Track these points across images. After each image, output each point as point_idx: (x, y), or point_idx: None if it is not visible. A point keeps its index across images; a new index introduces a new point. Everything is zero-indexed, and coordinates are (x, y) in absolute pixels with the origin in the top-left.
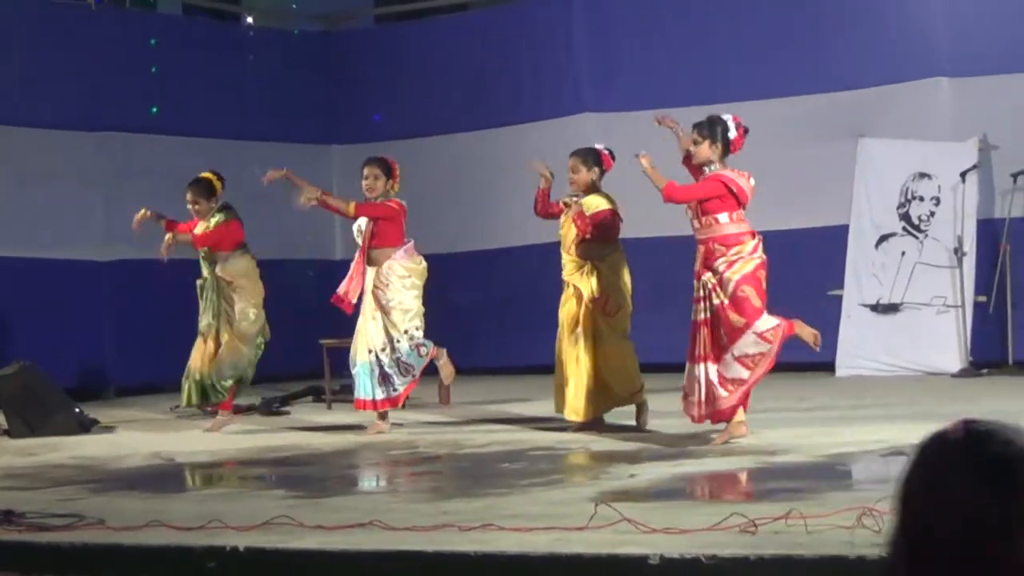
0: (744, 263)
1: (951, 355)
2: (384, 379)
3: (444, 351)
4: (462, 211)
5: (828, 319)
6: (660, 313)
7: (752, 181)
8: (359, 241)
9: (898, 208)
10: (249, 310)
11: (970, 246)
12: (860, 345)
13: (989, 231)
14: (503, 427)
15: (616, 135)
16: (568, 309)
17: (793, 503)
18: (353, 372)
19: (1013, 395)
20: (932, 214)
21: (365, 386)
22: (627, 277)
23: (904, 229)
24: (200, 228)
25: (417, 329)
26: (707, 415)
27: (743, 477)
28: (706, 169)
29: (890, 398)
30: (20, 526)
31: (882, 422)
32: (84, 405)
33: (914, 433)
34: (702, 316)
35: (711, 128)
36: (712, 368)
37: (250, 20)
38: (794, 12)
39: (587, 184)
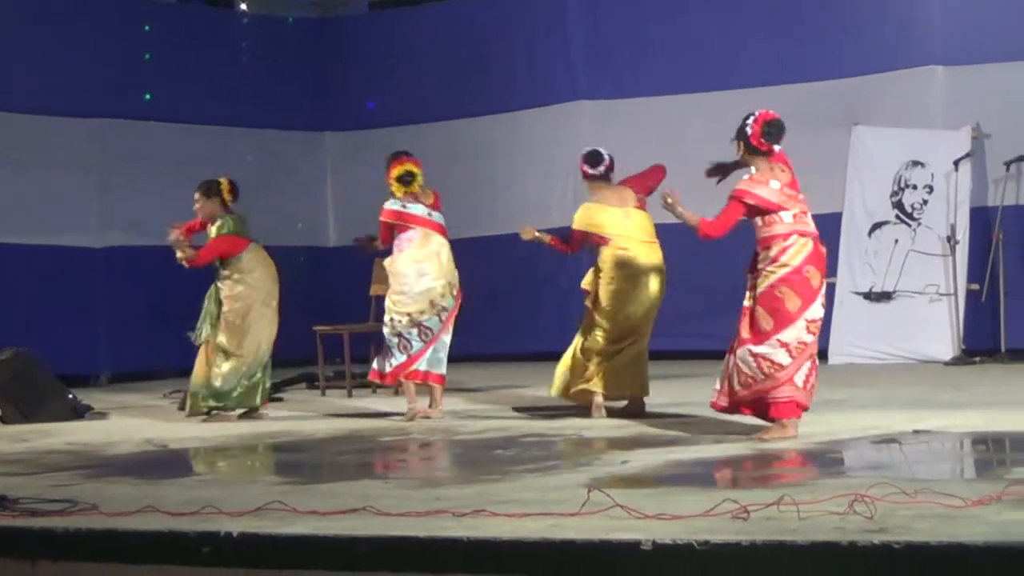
0: (778, 268)
1: (944, 343)
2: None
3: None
4: (455, 198)
5: None
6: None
7: (783, 177)
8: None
9: (891, 196)
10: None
11: (963, 234)
12: (853, 333)
13: (982, 219)
14: (496, 414)
15: (610, 123)
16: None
17: (785, 489)
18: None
19: (1005, 383)
20: (925, 202)
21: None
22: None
23: (897, 217)
24: (213, 231)
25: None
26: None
27: (735, 464)
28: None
29: (883, 386)
30: (13, 511)
31: (875, 410)
32: (77, 391)
33: (906, 421)
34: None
35: (738, 129)
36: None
37: (244, 7)
38: None
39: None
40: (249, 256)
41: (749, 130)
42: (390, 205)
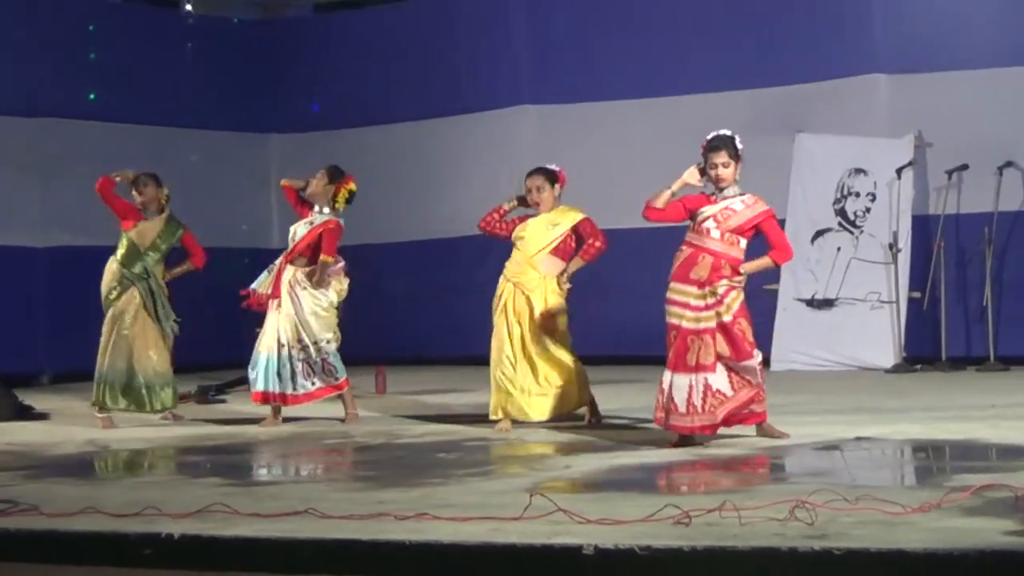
0: (737, 295)
1: (885, 350)
2: (293, 375)
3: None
4: (399, 201)
5: (764, 314)
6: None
7: (725, 205)
8: (290, 244)
9: (834, 204)
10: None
11: (905, 242)
12: (795, 340)
13: (924, 227)
14: (439, 417)
15: (554, 127)
16: (517, 312)
17: (727, 495)
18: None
19: (946, 390)
20: (868, 210)
21: (267, 379)
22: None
23: (840, 225)
24: (153, 225)
25: (328, 342)
26: (703, 425)
27: (678, 469)
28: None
29: (824, 393)
30: None
31: (816, 416)
32: (18, 391)
33: (848, 428)
34: (708, 325)
35: (734, 146)
36: (713, 377)
37: (189, 7)
38: (732, 7)
39: (551, 202)
40: None
41: (741, 149)
42: (341, 222)
